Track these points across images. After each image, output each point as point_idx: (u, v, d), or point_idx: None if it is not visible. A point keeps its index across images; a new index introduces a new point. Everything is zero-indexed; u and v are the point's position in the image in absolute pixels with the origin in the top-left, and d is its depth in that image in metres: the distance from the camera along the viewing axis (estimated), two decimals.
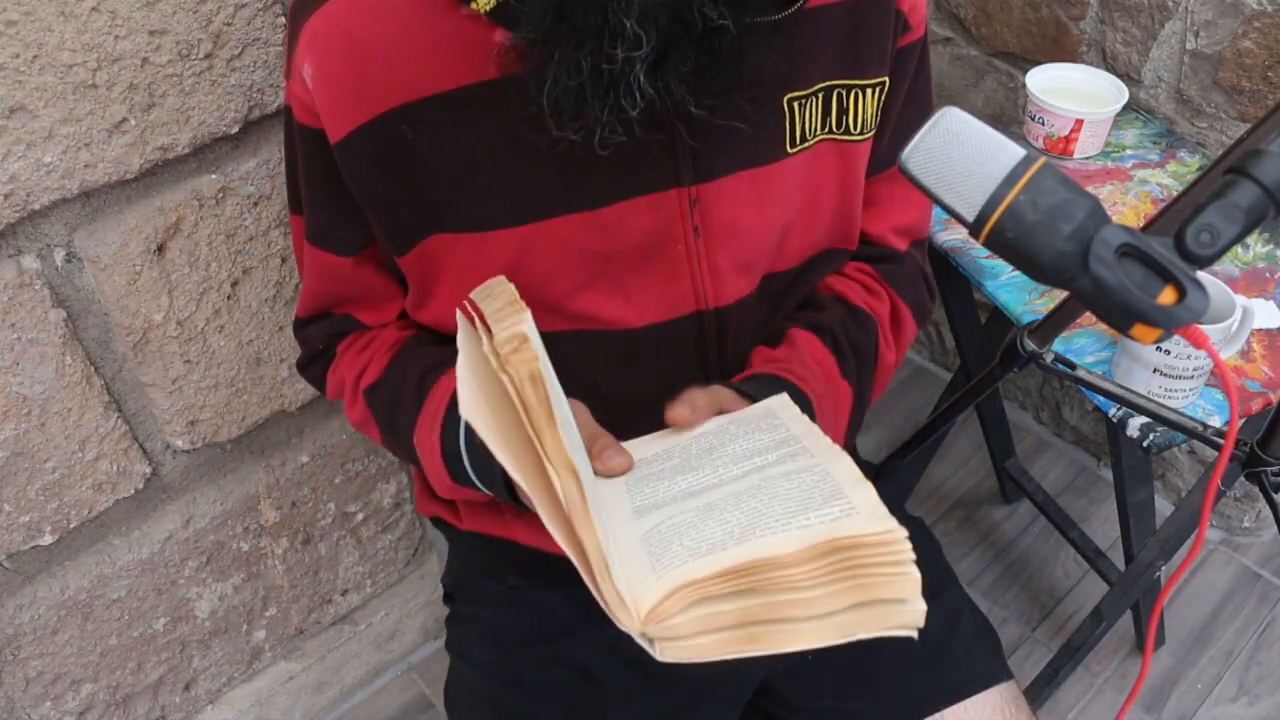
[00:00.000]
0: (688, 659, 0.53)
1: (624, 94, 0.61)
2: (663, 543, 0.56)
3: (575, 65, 0.61)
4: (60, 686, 1.17)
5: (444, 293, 0.77)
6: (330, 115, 0.69)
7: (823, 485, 0.58)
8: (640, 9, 0.59)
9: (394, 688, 1.55)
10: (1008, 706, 0.85)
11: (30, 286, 0.93)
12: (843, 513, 0.55)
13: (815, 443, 0.64)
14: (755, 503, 0.58)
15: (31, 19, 0.81)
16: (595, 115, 0.62)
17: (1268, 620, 1.57)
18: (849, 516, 0.54)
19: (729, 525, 0.56)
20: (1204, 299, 0.53)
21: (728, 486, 0.61)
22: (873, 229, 0.87)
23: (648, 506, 0.62)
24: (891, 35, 0.75)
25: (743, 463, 0.64)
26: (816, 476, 0.59)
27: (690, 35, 0.60)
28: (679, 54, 0.61)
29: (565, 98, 0.62)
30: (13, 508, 1.02)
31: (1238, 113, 1.31)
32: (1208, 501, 0.72)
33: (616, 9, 0.59)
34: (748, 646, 0.53)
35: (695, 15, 0.60)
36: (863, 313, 0.85)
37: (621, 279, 0.74)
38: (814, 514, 0.55)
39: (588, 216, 0.71)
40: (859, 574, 0.52)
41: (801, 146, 0.75)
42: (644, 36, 0.59)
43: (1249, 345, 1.05)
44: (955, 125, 0.56)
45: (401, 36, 0.66)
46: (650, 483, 0.65)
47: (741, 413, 0.72)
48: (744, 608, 0.53)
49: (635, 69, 0.60)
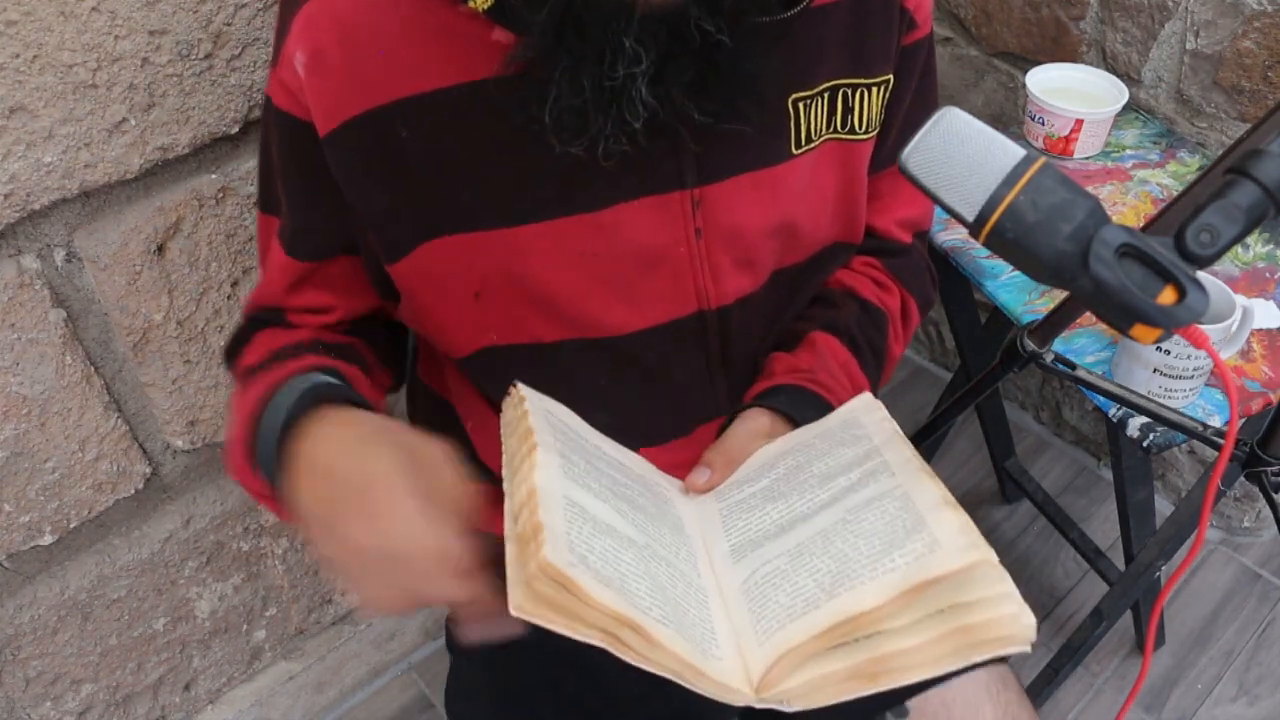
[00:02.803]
0: (816, 705, 0.54)
1: (626, 107, 0.61)
2: (761, 598, 0.57)
3: (577, 84, 0.61)
4: (60, 686, 1.17)
5: (441, 301, 0.75)
6: (321, 107, 0.67)
7: (905, 516, 0.58)
8: (639, 27, 0.59)
9: (394, 688, 1.55)
10: (994, 684, 0.84)
11: (30, 286, 0.93)
12: (926, 548, 0.54)
13: (895, 455, 0.64)
14: (842, 544, 0.58)
15: (31, 19, 0.81)
16: (599, 129, 0.62)
17: (1268, 620, 1.57)
18: (932, 553, 0.54)
19: (819, 575, 0.56)
20: (1204, 299, 0.52)
21: (815, 520, 0.61)
22: (878, 223, 0.87)
23: (742, 545, 0.62)
24: (896, 33, 0.75)
25: (828, 484, 0.64)
26: (898, 504, 0.59)
27: (689, 48, 0.61)
28: (679, 65, 0.61)
29: (568, 115, 0.62)
30: (13, 508, 1.02)
31: (1238, 113, 1.31)
32: (1208, 501, 0.72)
33: (615, 29, 0.59)
34: (869, 686, 0.53)
35: (693, 30, 0.60)
36: (875, 308, 0.86)
37: (623, 281, 0.74)
38: (898, 554, 0.55)
39: (588, 218, 0.71)
40: (955, 611, 0.53)
41: (807, 147, 0.75)
42: (643, 53, 0.59)
43: (1249, 345, 1.05)
44: (955, 125, 0.56)
45: (398, 30, 0.66)
46: (743, 514, 0.65)
47: (823, 423, 0.72)
48: (851, 664, 0.53)
49: (637, 83, 0.60)
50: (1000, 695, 0.84)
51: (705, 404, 0.82)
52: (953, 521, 0.56)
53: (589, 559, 0.52)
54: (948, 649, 0.53)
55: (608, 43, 0.59)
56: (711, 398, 0.82)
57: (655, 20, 0.59)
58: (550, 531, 0.51)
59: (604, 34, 0.59)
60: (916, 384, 1.97)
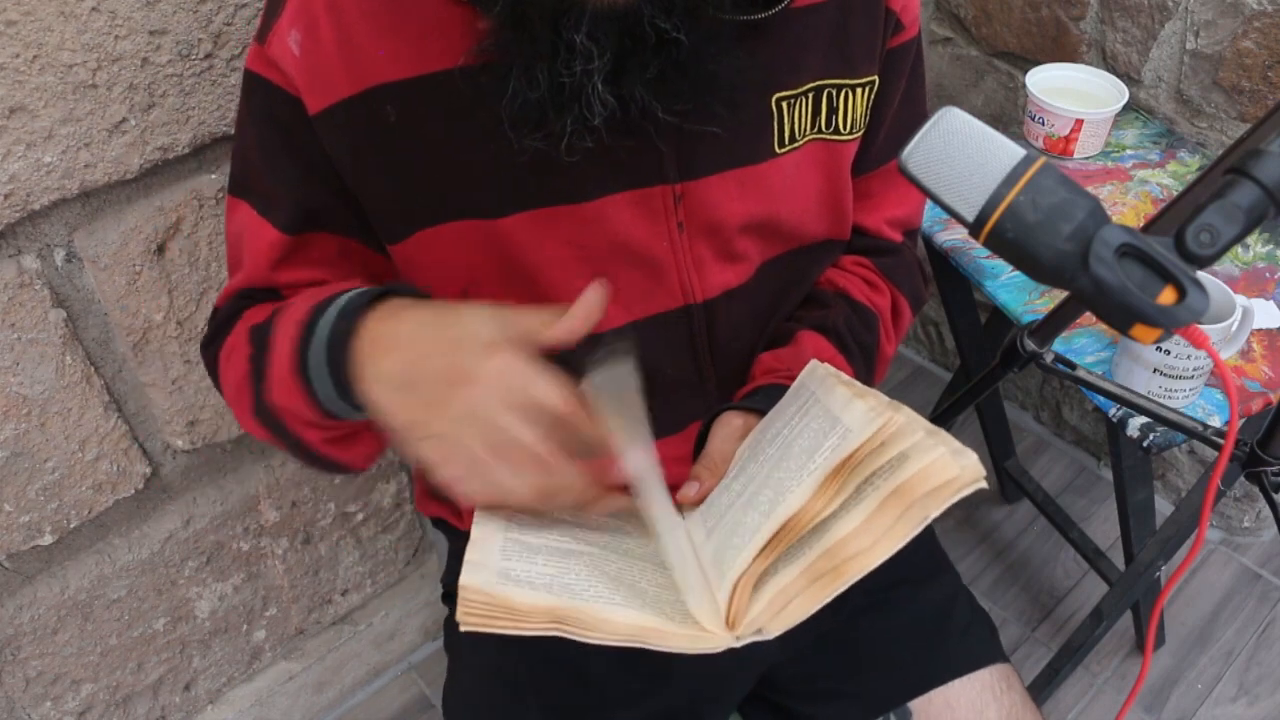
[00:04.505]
0: (792, 624, 0.54)
1: (584, 105, 0.61)
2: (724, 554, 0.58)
3: (533, 79, 0.61)
4: (60, 686, 1.17)
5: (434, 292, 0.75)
6: (312, 86, 0.67)
7: (822, 424, 0.59)
8: (590, 23, 0.59)
9: (394, 688, 1.55)
10: (998, 684, 0.85)
11: (30, 286, 0.93)
12: (839, 438, 0.56)
13: (820, 386, 0.65)
14: (778, 474, 0.59)
15: (31, 19, 0.81)
16: (559, 125, 0.63)
17: (1268, 620, 1.57)
18: (844, 440, 0.55)
19: (762, 507, 0.57)
20: (1204, 299, 0.52)
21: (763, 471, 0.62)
22: (868, 222, 0.87)
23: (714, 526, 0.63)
24: (882, 34, 0.75)
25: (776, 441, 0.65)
26: (819, 420, 0.60)
27: (646, 46, 0.61)
28: (639, 63, 0.61)
29: (525, 109, 0.62)
30: (13, 508, 1.02)
31: (1238, 113, 1.31)
32: (1208, 501, 0.72)
33: (564, 25, 0.59)
34: (833, 583, 0.53)
35: (647, 28, 0.60)
36: (866, 309, 0.86)
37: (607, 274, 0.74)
38: (818, 455, 0.56)
39: (571, 210, 0.71)
40: (883, 474, 0.53)
41: (791, 147, 0.75)
42: (595, 50, 0.59)
43: (1249, 345, 1.05)
44: (955, 125, 0.56)
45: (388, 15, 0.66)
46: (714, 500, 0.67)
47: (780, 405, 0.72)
48: (805, 567, 0.54)
49: (593, 79, 0.60)
50: (1004, 696, 0.84)
51: (695, 400, 0.82)
52: (860, 406, 0.56)
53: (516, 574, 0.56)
54: (892, 516, 0.53)
55: (560, 40, 0.59)
56: (701, 393, 0.82)
57: (606, 18, 0.59)
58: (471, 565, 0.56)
59: (554, 31, 0.59)
60: (916, 384, 1.97)
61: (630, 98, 0.62)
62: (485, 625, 0.53)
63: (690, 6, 0.61)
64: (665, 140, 0.68)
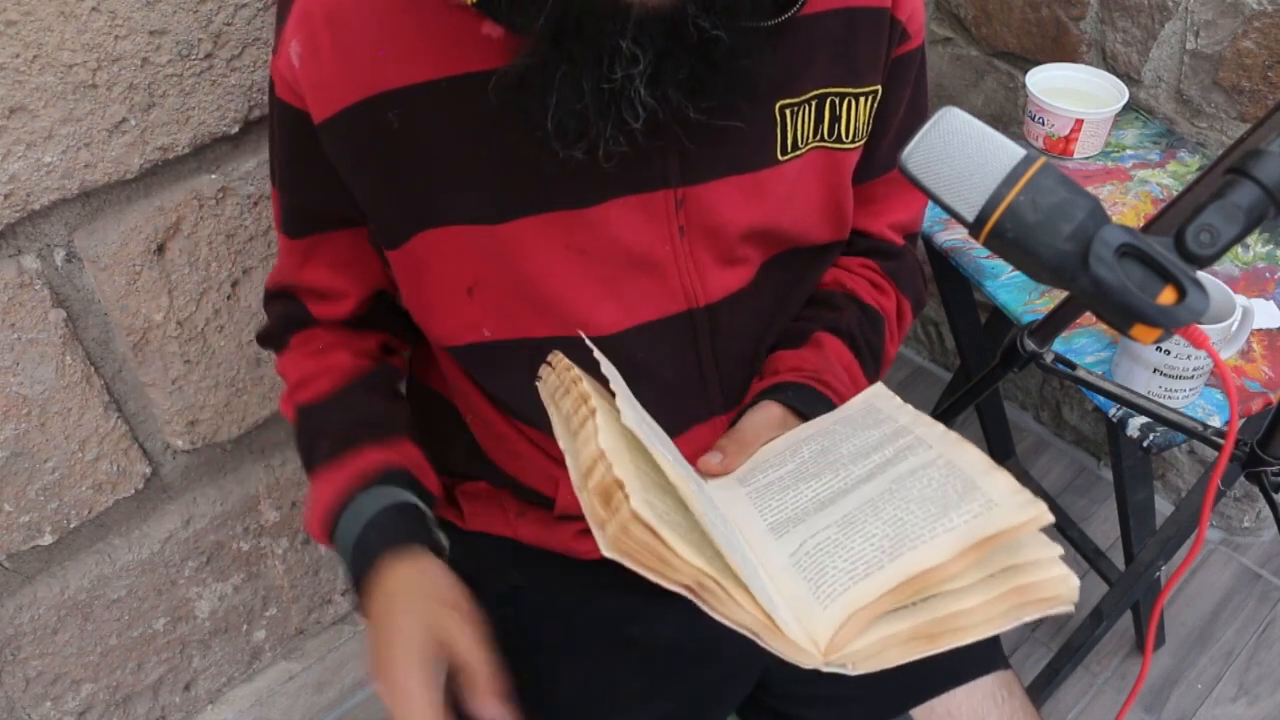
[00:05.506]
0: (877, 669, 0.54)
1: (625, 109, 0.61)
2: (815, 567, 0.57)
3: (577, 88, 0.61)
4: (60, 686, 1.17)
5: (436, 293, 0.76)
6: (315, 96, 0.68)
7: (953, 481, 0.59)
8: (636, 28, 0.59)
9: None
10: (999, 691, 0.85)
11: (30, 286, 0.93)
12: (982, 507, 0.56)
13: (928, 431, 0.65)
14: (893, 510, 0.59)
15: (31, 19, 0.81)
16: (599, 132, 0.62)
17: (1268, 620, 1.57)
18: (990, 511, 0.55)
19: (876, 539, 0.57)
20: (1204, 299, 0.52)
21: (857, 492, 0.62)
22: (872, 227, 0.88)
23: (783, 522, 0.62)
24: (886, 44, 0.75)
25: (862, 461, 0.65)
26: (943, 472, 0.60)
27: (685, 46, 0.60)
28: (675, 63, 0.61)
29: (568, 120, 0.62)
30: (13, 508, 1.02)
31: (1238, 113, 1.31)
32: (1208, 501, 0.72)
33: (612, 30, 0.58)
34: (929, 647, 0.54)
35: (690, 28, 0.60)
36: (874, 311, 0.86)
37: (612, 279, 0.74)
38: (955, 514, 0.56)
39: (576, 215, 0.71)
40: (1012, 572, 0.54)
41: (793, 154, 0.75)
42: (640, 54, 0.59)
43: (1249, 345, 1.05)
44: (955, 125, 0.56)
45: (390, 22, 0.66)
46: (774, 494, 0.66)
47: (841, 411, 0.73)
48: (914, 625, 0.54)
49: (635, 84, 0.60)
50: (1005, 704, 0.84)
51: (698, 403, 0.82)
52: (1003, 482, 0.57)
53: (666, 517, 0.53)
54: (1002, 609, 0.54)
55: (605, 45, 0.59)
56: (704, 397, 0.82)
57: (652, 21, 0.59)
58: (630, 486, 0.53)
59: (602, 37, 0.59)
60: (916, 384, 1.97)
61: (664, 98, 0.62)
62: (628, 558, 0.52)
63: (728, 5, 0.61)
64: (669, 144, 0.68)
